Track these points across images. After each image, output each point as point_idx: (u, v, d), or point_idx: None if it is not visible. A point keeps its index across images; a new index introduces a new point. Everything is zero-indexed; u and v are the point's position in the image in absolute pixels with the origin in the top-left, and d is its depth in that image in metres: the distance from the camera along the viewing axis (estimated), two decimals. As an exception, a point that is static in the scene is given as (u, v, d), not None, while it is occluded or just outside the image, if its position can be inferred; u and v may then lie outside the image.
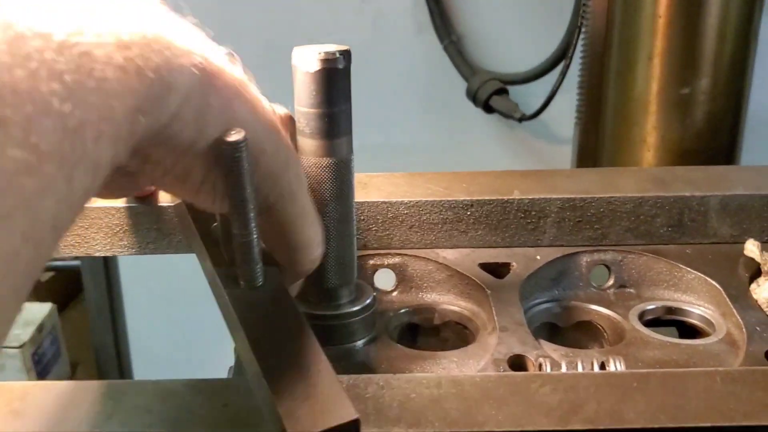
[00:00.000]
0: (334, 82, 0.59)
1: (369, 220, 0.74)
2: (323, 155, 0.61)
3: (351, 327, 0.65)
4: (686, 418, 0.50)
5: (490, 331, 0.67)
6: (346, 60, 0.59)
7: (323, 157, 0.61)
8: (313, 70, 0.58)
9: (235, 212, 0.52)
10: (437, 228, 0.75)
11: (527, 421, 0.50)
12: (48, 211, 0.35)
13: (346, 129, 0.61)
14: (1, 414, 0.51)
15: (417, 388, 0.53)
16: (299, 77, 0.59)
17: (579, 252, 0.75)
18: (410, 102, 1.86)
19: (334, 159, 0.61)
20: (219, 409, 0.52)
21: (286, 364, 0.49)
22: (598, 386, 0.53)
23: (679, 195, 0.75)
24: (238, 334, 0.54)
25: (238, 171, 0.50)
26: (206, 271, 0.61)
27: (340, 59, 0.59)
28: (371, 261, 0.75)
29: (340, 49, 0.59)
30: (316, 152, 0.61)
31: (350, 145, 0.62)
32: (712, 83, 1.32)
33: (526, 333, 0.65)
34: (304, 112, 0.60)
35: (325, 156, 0.61)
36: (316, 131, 0.60)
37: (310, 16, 1.84)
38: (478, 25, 1.79)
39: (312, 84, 0.59)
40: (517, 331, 0.65)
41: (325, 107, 0.59)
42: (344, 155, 0.61)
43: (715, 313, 0.71)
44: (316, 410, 0.46)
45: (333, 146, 0.61)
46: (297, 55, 0.59)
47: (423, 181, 0.77)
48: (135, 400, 0.53)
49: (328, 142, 0.60)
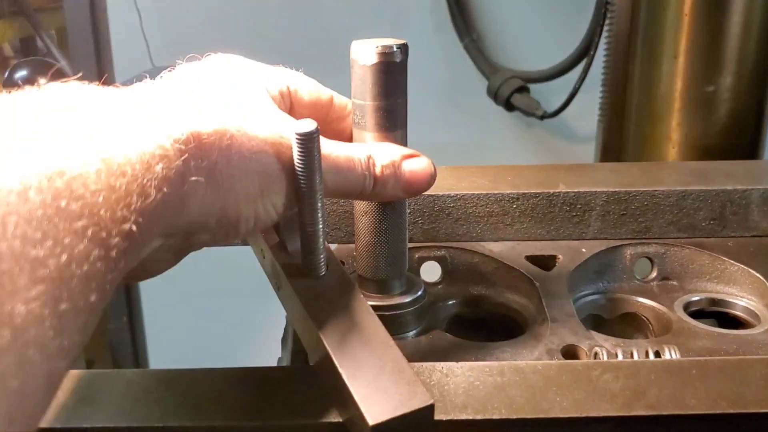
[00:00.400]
0: (391, 75, 0.60)
1: (415, 213, 0.75)
2: None
3: (404, 318, 0.66)
4: (746, 404, 0.51)
5: (540, 323, 0.68)
6: (403, 54, 0.60)
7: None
8: (370, 63, 0.59)
9: (304, 202, 0.53)
10: (483, 221, 0.76)
11: (591, 407, 0.51)
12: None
13: (402, 122, 0.62)
14: (70, 402, 0.52)
15: (480, 375, 0.53)
16: (357, 70, 0.60)
17: (623, 245, 0.76)
18: (430, 100, 1.87)
19: None
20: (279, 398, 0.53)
21: (357, 351, 0.50)
22: (658, 373, 0.54)
23: (721, 188, 0.76)
24: (303, 323, 0.54)
25: (309, 161, 0.51)
26: (265, 262, 0.62)
27: (397, 53, 0.59)
28: (417, 254, 0.76)
29: (398, 43, 0.60)
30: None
31: (405, 138, 0.63)
32: (736, 81, 1.33)
33: (578, 324, 0.65)
34: (360, 104, 0.61)
35: None
36: (373, 124, 0.61)
37: (329, 15, 1.85)
38: (499, 23, 1.80)
39: (369, 77, 0.60)
40: (568, 321, 0.66)
41: (382, 100, 0.60)
42: None
43: (759, 305, 0.72)
44: (392, 396, 0.46)
45: (388, 139, 0.61)
46: (355, 49, 0.60)
47: (468, 174, 0.78)
48: (203, 389, 0.53)
49: (384, 135, 0.61)
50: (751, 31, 1.30)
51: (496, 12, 1.80)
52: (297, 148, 0.51)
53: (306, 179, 0.52)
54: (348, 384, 0.47)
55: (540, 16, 1.78)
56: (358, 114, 0.61)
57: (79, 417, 0.50)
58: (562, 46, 1.69)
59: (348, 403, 0.47)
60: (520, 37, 1.80)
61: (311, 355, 0.55)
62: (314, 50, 1.81)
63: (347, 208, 0.74)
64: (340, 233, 0.76)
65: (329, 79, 0.63)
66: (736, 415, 0.51)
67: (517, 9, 1.79)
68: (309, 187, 0.52)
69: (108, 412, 0.51)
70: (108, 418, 0.50)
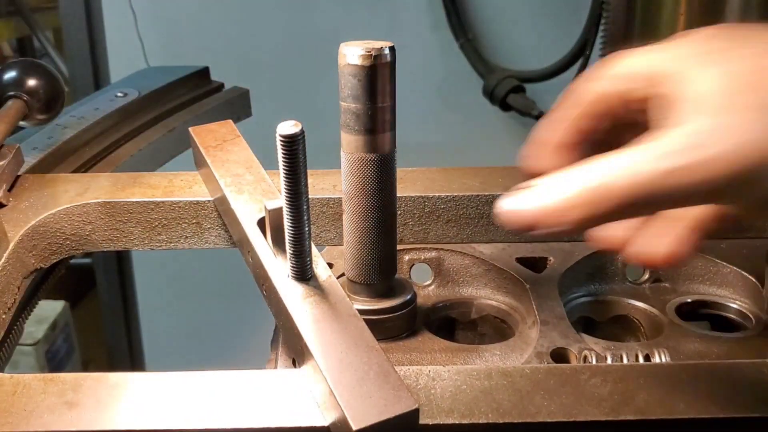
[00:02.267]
0: (378, 78, 0.59)
1: (406, 214, 0.75)
2: (367, 151, 0.61)
3: (393, 321, 0.66)
4: (736, 409, 0.51)
5: (530, 325, 0.68)
6: (391, 56, 0.59)
7: (367, 152, 0.61)
8: (358, 65, 0.59)
9: (289, 205, 0.52)
10: (474, 222, 0.75)
11: (579, 411, 0.50)
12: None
13: (390, 125, 0.61)
14: (55, 406, 0.52)
15: (467, 379, 0.53)
16: (344, 72, 0.60)
17: (615, 246, 0.75)
18: (426, 100, 1.87)
19: (377, 155, 0.61)
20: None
21: (341, 355, 0.50)
22: (646, 377, 0.53)
23: (713, 190, 0.75)
24: (289, 326, 0.54)
25: (294, 164, 0.51)
26: (252, 265, 0.62)
27: (385, 55, 0.59)
28: (408, 255, 0.76)
29: (386, 45, 0.59)
30: (360, 147, 0.61)
31: (394, 141, 0.62)
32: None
33: (568, 327, 0.65)
34: (348, 107, 0.60)
35: (368, 152, 0.61)
36: (361, 126, 0.60)
37: (324, 14, 1.84)
38: (495, 22, 1.80)
39: (357, 79, 0.59)
40: (558, 324, 0.65)
41: (370, 103, 0.60)
42: (388, 151, 0.61)
43: (752, 307, 0.72)
44: (376, 400, 0.46)
45: (377, 142, 0.61)
46: (343, 51, 0.59)
47: (459, 175, 0.77)
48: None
49: (372, 137, 0.61)
50: (746, 31, 1.30)
51: (493, 12, 1.80)
52: (281, 150, 0.50)
53: (291, 182, 0.52)
54: (332, 388, 0.47)
55: (536, 16, 1.77)
56: (346, 117, 0.61)
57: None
58: (558, 46, 1.69)
59: (332, 407, 0.47)
60: (516, 36, 1.80)
61: (297, 358, 0.54)
62: (309, 49, 1.81)
63: (337, 210, 0.74)
64: (329, 235, 0.75)
65: (324, 79, 0.63)
66: (726, 420, 0.50)
67: (514, 9, 1.78)
68: (294, 190, 0.52)
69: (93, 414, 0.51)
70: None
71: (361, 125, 0.60)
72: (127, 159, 0.98)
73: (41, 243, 0.73)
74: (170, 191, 0.75)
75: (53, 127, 0.95)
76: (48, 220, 0.73)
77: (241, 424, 0.49)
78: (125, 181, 0.78)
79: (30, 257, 0.72)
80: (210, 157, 0.73)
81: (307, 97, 1.78)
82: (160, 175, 0.79)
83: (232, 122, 0.81)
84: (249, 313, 1.58)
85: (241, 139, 0.77)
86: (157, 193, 0.75)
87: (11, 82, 0.85)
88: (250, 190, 0.68)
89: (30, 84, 0.86)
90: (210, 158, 0.73)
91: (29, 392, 0.52)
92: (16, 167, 0.80)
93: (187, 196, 0.74)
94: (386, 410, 0.45)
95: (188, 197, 0.74)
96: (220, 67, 1.28)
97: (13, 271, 0.68)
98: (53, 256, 0.75)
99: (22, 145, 0.83)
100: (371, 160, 0.61)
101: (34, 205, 0.74)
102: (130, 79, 1.22)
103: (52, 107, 0.89)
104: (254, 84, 1.26)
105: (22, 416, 0.50)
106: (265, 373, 0.55)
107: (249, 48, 1.77)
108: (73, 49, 2.00)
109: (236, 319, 2.07)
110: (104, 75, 1.98)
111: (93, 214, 0.74)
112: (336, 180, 0.76)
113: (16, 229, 0.70)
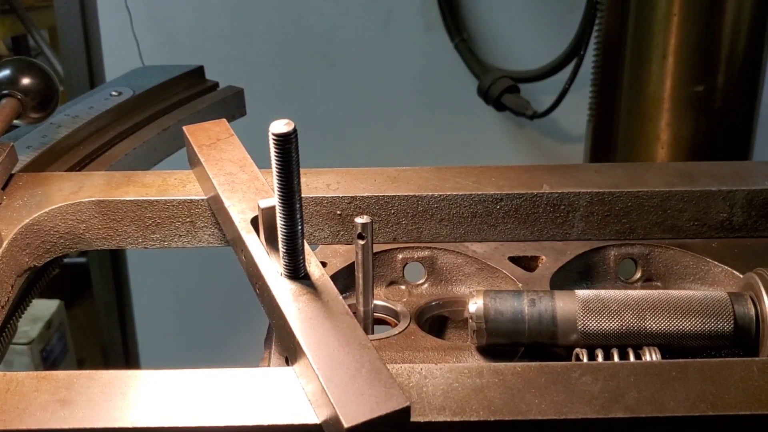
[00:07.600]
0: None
1: (399, 213, 0.75)
2: None
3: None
4: (725, 407, 0.51)
5: (522, 323, 0.68)
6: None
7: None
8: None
9: (283, 203, 0.53)
10: (467, 222, 0.75)
11: (569, 409, 0.51)
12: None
13: None
14: (48, 403, 0.52)
15: (459, 377, 0.53)
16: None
17: (607, 246, 0.76)
18: (420, 99, 1.87)
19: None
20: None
21: (333, 353, 0.50)
22: (637, 376, 0.53)
23: (705, 190, 0.76)
24: (282, 324, 0.54)
25: (287, 162, 0.51)
26: (245, 263, 0.62)
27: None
28: (401, 254, 0.76)
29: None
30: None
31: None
32: (726, 81, 1.33)
33: (560, 325, 0.65)
34: None
35: None
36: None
37: (319, 14, 1.85)
38: (489, 22, 1.80)
39: None
40: (550, 322, 0.66)
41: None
42: None
43: (742, 306, 0.72)
44: (367, 398, 0.46)
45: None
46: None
47: (452, 175, 0.77)
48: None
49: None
50: (740, 31, 1.30)
51: (487, 12, 1.80)
52: (274, 148, 0.50)
53: (284, 180, 0.52)
54: (324, 385, 0.47)
55: (530, 16, 1.78)
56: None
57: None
58: (552, 46, 1.69)
59: (324, 404, 0.47)
60: (510, 36, 1.80)
61: (290, 356, 0.54)
62: (304, 49, 1.81)
63: (330, 209, 0.74)
64: (323, 234, 0.76)
65: (319, 79, 0.63)
66: (715, 417, 0.51)
67: (508, 9, 1.79)
68: (287, 188, 0.52)
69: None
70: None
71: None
72: (121, 158, 0.98)
73: (35, 241, 0.73)
74: (164, 190, 0.75)
75: (47, 125, 0.95)
76: (42, 219, 0.73)
77: (235, 421, 0.50)
78: (119, 179, 0.78)
79: (24, 256, 0.72)
80: (204, 156, 0.74)
81: (300, 97, 1.79)
82: (154, 174, 0.79)
83: (226, 121, 0.81)
84: (243, 311, 1.59)
85: (235, 138, 0.77)
86: (150, 192, 0.75)
87: (6, 80, 0.85)
88: (243, 189, 0.68)
89: (24, 82, 0.86)
90: (204, 157, 0.73)
91: (22, 390, 0.52)
92: (10, 166, 0.80)
93: (181, 195, 0.74)
94: (377, 408, 0.46)
95: (182, 196, 0.74)
96: (215, 66, 1.28)
97: (6, 270, 0.68)
98: (47, 255, 0.75)
99: (16, 143, 0.83)
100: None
101: (28, 204, 0.74)
102: (125, 78, 1.21)
103: (46, 106, 0.89)
104: (248, 83, 1.26)
105: (15, 414, 0.50)
106: (258, 371, 0.55)
107: (243, 47, 1.77)
108: (68, 48, 2.00)
109: (230, 318, 2.07)
110: (99, 74, 1.98)
111: (87, 213, 0.74)
112: (329, 179, 0.76)
113: (9, 227, 0.70)
